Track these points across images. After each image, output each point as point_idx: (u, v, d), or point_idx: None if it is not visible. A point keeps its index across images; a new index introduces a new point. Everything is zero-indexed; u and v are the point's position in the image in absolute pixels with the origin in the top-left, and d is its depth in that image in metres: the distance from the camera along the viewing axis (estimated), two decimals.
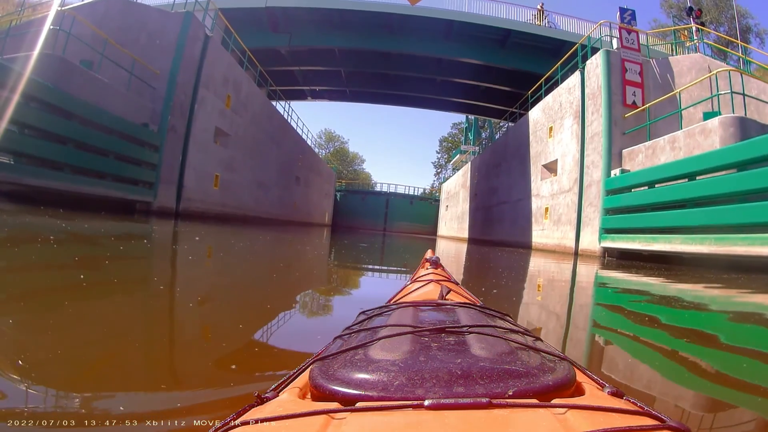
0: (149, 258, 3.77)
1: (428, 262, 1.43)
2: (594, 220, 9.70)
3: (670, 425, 0.35)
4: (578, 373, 0.49)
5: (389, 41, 17.68)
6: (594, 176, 9.93)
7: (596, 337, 2.00)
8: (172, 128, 11.11)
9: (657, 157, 8.68)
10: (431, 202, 39.40)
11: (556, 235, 11.39)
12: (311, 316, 2.17)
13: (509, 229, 15.38)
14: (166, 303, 2.05)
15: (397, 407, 0.37)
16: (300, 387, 0.48)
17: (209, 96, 12.38)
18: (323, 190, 29.92)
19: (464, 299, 0.96)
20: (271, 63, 19.92)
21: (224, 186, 13.54)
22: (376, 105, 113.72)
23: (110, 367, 1.14)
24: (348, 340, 0.57)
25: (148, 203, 10.70)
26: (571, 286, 4.22)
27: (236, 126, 14.09)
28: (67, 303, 1.77)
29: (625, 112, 10.02)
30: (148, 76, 11.10)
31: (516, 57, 17.67)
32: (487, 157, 20.20)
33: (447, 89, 22.20)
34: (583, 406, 0.37)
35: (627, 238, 8.63)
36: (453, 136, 55.65)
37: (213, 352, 1.37)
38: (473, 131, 35.11)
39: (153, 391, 1.01)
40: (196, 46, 11.94)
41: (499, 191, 17.31)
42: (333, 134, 59.68)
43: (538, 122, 13.57)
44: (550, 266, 7.02)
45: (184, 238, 6.10)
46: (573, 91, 11.37)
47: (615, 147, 9.69)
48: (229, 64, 13.43)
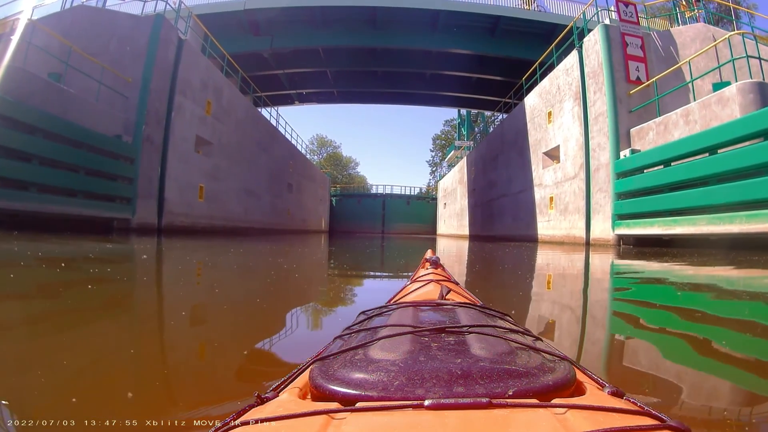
0: (131, 279, 3.34)
1: (428, 262, 1.42)
2: (605, 207, 9.04)
3: (670, 425, 0.35)
4: (578, 372, 0.49)
5: (374, 37, 17.04)
6: (601, 159, 9.28)
7: (612, 335, 1.83)
8: (148, 138, 10.42)
9: (670, 133, 8.04)
10: (428, 200, 38.78)
11: (563, 225, 10.72)
12: (311, 316, 2.15)
13: (512, 223, 14.70)
14: (166, 305, 2.09)
15: (397, 407, 0.37)
16: (300, 387, 0.48)
17: (187, 103, 11.69)
18: (318, 195, 29.22)
19: (464, 299, 0.95)
20: (254, 68, 19.30)
21: (210, 197, 12.83)
22: (367, 107, 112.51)
23: (110, 368, 1.17)
24: (348, 340, 0.58)
25: (126, 220, 9.99)
26: (584, 280, 3.86)
27: (219, 133, 13.39)
28: (66, 322, 1.72)
29: (630, 88, 9.40)
30: (121, 84, 10.44)
31: (507, 44, 17.08)
32: (483, 151, 19.56)
33: (437, 83, 21.57)
34: (583, 406, 0.37)
35: (644, 223, 7.97)
36: (446, 133, 55.13)
37: (213, 353, 1.39)
38: (466, 126, 34.52)
39: (153, 391, 1.02)
40: (170, 50, 11.28)
41: (498, 184, 16.65)
42: (325, 139, 59.09)
43: (535, 108, 12.93)
44: (560, 259, 6.45)
45: (166, 256, 5.46)
46: (571, 72, 10.73)
47: (622, 126, 9.04)
48: (208, 69, 12.76)
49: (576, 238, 10.02)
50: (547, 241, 11.58)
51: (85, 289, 2.53)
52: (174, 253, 5.96)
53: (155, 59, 10.78)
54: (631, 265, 5.36)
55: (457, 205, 25.89)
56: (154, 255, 5.46)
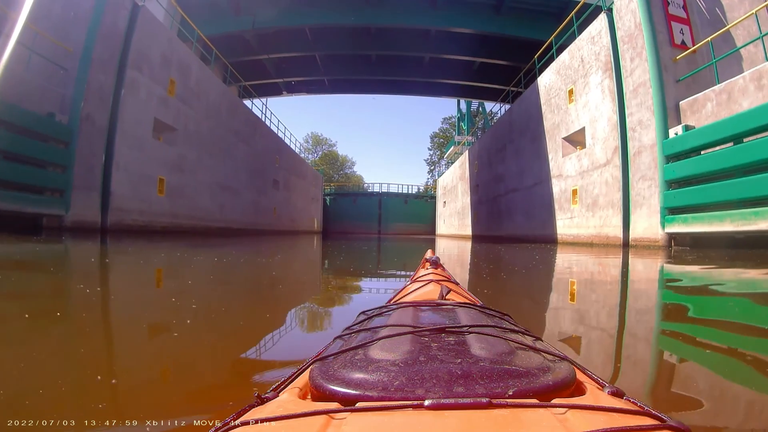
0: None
1: (428, 262, 1.42)
2: (650, 199, 7.26)
3: (670, 425, 0.34)
4: (578, 372, 0.48)
5: (367, 14, 15.23)
6: (644, 140, 7.51)
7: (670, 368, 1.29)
8: (88, 118, 8.59)
9: (736, 103, 6.29)
10: (427, 199, 36.94)
11: (591, 223, 8.93)
12: (311, 316, 2.12)
13: (524, 221, 12.90)
14: (166, 306, 2.08)
15: (397, 407, 0.37)
16: (300, 387, 0.47)
17: (143, 79, 9.87)
18: (309, 194, 27.36)
19: (464, 299, 0.95)
20: (237, 53, 17.51)
21: (174, 192, 10.99)
22: (363, 103, 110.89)
23: (110, 369, 1.14)
24: (348, 341, 0.57)
25: (58, 217, 8.15)
26: (621, 293, 2.98)
27: (186, 118, 11.55)
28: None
29: (674, 54, 7.64)
30: (61, 55, 8.64)
31: (513, 23, 15.31)
32: (488, 142, 17.77)
33: (437, 69, 19.75)
34: (583, 405, 0.37)
35: (707, 217, 6.20)
36: (444, 131, 53.46)
37: (213, 353, 1.39)
38: (467, 121, 32.78)
39: (153, 391, 1.02)
40: (120, 16, 9.47)
41: (506, 178, 14.86)
42: (320, 137, 57.21)
43: (551, 88, 11.15)
44: (588, 264, 5.03)
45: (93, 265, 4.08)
46: (598, 39, 8.97)
47: (669, 99, 7.28)
48: (171, 42, 10.93)
49: (609, 239, 8.23)
50: (569, 242, 9.79)
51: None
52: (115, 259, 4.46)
53: (100, 24, 8.98)
54: (690, 272, 4.02)
55: (459, 203, 24.08)
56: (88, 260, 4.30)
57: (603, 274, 4.29)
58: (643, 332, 1.79)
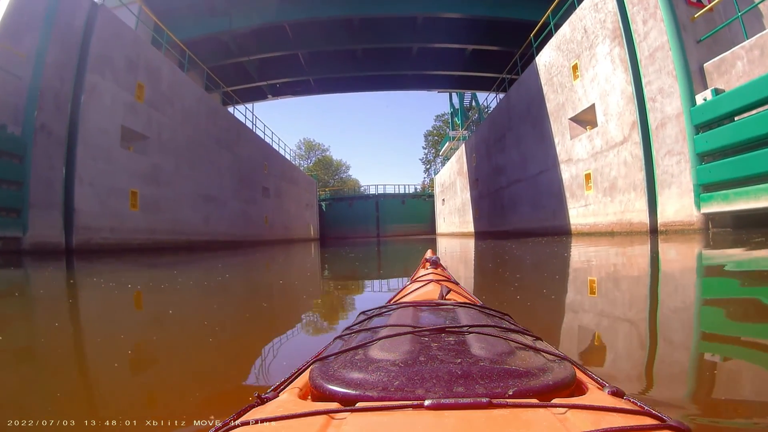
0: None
1: (428, 262, 1.41)
2: (680, 176, 6.40)
3: (670, 425, 0.34)
4: (578, 372, 0.48)
5: (349, 4, 14.38)
6: (667, 110, 6.64)
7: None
8: (43, 128, 7.72)
9: None
10: (425, 198, 35.97)
11: (610, 209, 8.06)
12: (312, 316, 2.09)
13: (530, 213, 12.03)
14: (165, 306, 2.16)
15: (397, 407, 0.36)
16: (300, 387, 0.47)
17: (106, 84, 8.99)
18: (303, 200, 26.45)
19: (464, 299, 0.94)
20: (215, 57, 16.66)
21: (150, 205, 10.09)
22: (353, 105, 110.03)
23: (110, 370, 1.17)
24: (348, 341, 0.57)
25: (15, 239, 7.27)
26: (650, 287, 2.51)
27: (158, 125, 10.66)
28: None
29: (691, 13, 6.80)
30: (15, 63, 7.82)
31: (503, 4, 14.47)
32: (485, 133, 16.92)
33: (427, 60, 18.87)
34: (583, 405, 0.36)
35: (753, 191, 5.32)
36: (438, 128, 52.61)
37: (213, 353, 1.38)
38: (460, 115, 31.96)
39: (153, 391, 1.02)
40: (77, 16, 8.63)
41: (507, 169, 13.99)
42: (313, 143, 56.29)
43: (552, 66, 10.30)
44: (614, 256, 4.53)
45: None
46: (603, 6, 8.12)
47: (692, 62, 6.43)
48: (136, 43, 10.05)
49: (633, 225, 7.35)
50: (585, 231, 8.91)
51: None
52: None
53: (53, 26, 8.14)
54: (733, 256, 3.52)
55: (458, 199, 23.20)
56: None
57: (626, 266, 3.72)
58: (648, 330, 1.62)
